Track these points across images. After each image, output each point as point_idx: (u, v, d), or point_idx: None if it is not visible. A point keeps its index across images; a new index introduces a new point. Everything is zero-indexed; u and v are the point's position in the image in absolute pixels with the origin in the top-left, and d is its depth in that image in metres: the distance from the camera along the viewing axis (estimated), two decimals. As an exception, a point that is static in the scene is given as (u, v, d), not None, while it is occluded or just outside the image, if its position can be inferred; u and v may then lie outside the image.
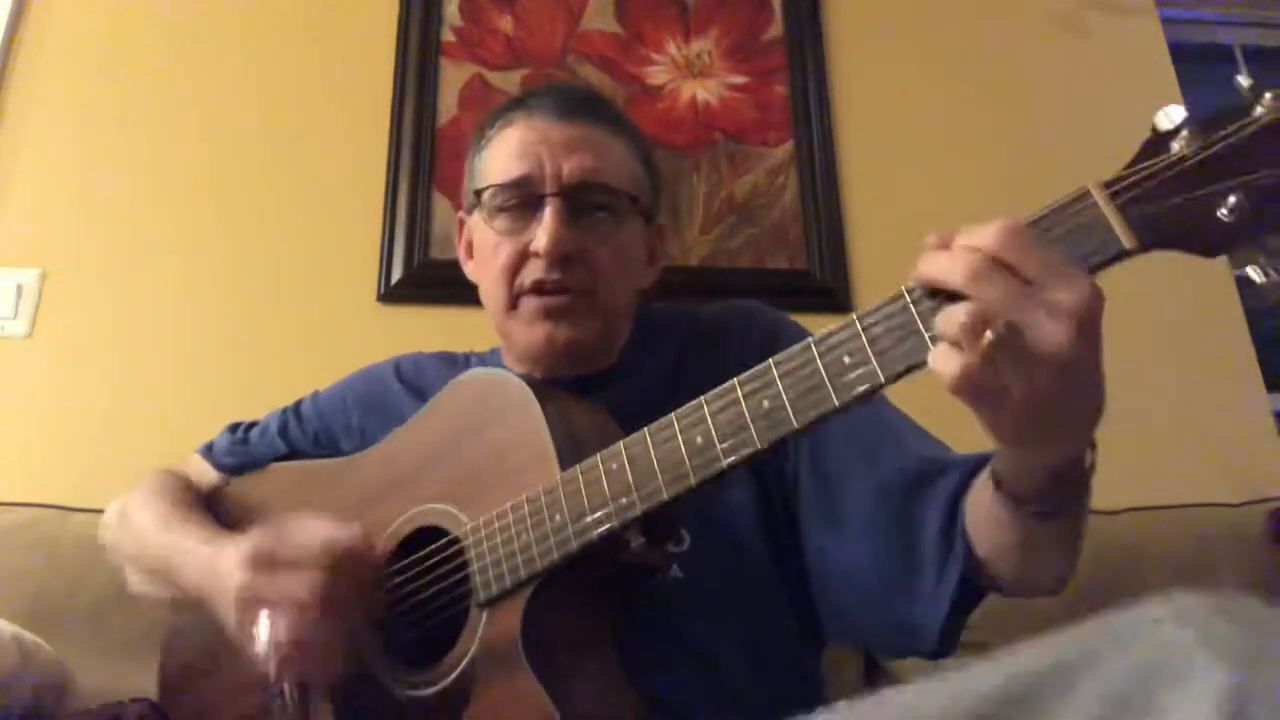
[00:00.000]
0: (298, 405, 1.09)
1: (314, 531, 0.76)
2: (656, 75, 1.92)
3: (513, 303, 0.91)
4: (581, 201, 0.89)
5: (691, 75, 1.92)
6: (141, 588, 0.98)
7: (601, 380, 0.94)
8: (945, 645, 0.76)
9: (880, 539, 0.79)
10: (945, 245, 0.55)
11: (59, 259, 1.69)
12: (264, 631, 0.72)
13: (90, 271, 1.69)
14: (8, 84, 1.80)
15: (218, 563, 0.80)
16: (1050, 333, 0.50)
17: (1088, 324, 0.50)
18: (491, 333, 1.03)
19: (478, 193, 0.94)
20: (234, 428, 1.09)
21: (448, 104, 1.84)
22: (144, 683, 1.15)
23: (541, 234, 0.87)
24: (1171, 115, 0.52)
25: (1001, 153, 1.92)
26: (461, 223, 1.02)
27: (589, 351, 0.93)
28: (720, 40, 1.95)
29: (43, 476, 1.50)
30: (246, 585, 0.75)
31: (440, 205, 1.76)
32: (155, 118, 1.80)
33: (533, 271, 0.89)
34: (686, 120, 1.89)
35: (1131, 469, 1.68)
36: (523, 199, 0.90)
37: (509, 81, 1.87)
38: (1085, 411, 0.56)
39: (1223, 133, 0.50)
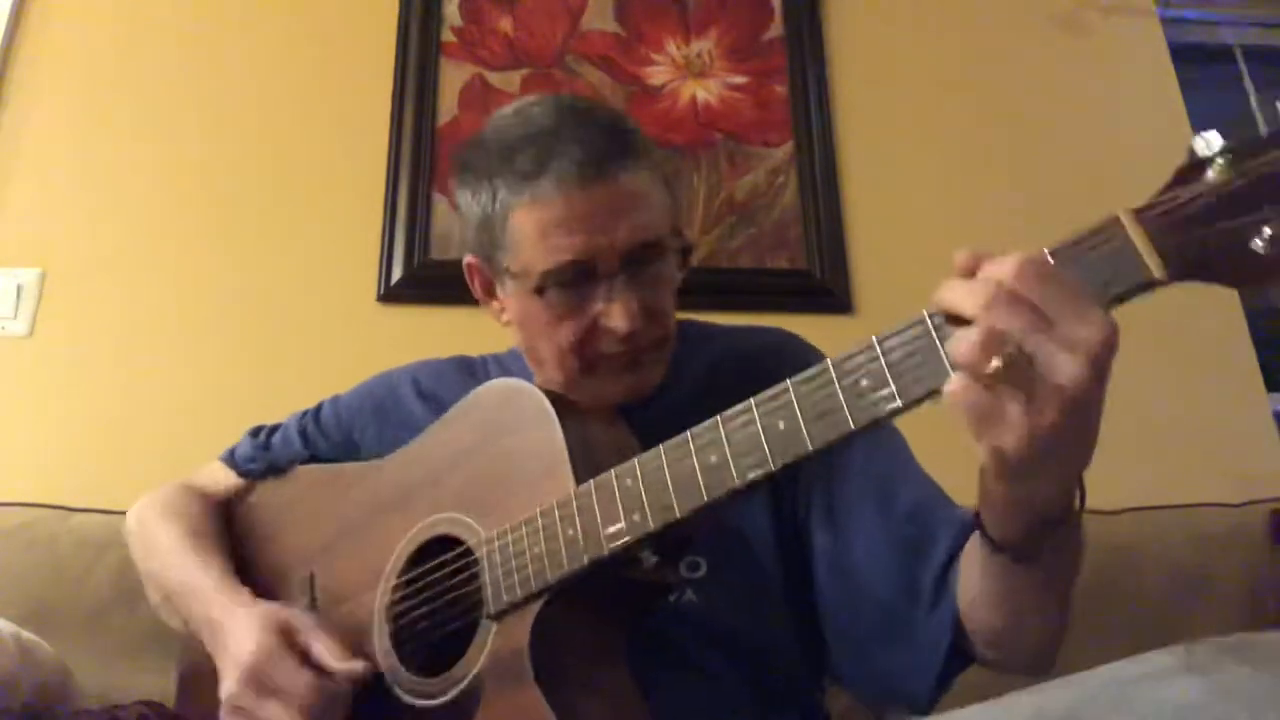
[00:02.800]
0: (318, 409, 1.09)
1: (305, 675, 0.78)
2: (656, 75, 1.91)
3: (585, 369, 0.88)
4: (638, 262, 0.85)
5: (691, 75, 1.92)
6: (158, 609, 1.02)
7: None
8: (930, 705, 0.79)
9: (881, 587, 0.81)
10: (971, 267, 0.53)
11: (59, 259, 1.69)
12: None
13: (90, 271, 1.69)
14: (8, 84, 1.80)
15: (222, 627, 0.84)
16: (1062, 365, 0.49)
17: (1100, 362, 0.50)
18: (495, 332, 1.02)
19: (541, 275, 0.85)
20: (255, 432, 1.09)
21: (448, 104, 1.84)
22: (144, 683, 1.16)
23: (617, 317, 0.83)
24: (1209, 142, 0.50)
25: (1001, 152, 1.92)
26: (472, 267, 0.95)
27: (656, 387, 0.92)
28: (720, 40, 1.95)
29: (43, 476, 1.50)
30: (236, 697, 0.79)
31: (440, 205, 1.76)
32: (155, 118, 1.80)
33: (609, 345, 0.86)
34: (686, 120, 1.88)
35: (1131, 469, 1.68)
36: (580, 278, 0.84)
37: (509, 81, 1.87)
38: (1081, 450, 0.55)
39: (1259, 162, 0.48)
